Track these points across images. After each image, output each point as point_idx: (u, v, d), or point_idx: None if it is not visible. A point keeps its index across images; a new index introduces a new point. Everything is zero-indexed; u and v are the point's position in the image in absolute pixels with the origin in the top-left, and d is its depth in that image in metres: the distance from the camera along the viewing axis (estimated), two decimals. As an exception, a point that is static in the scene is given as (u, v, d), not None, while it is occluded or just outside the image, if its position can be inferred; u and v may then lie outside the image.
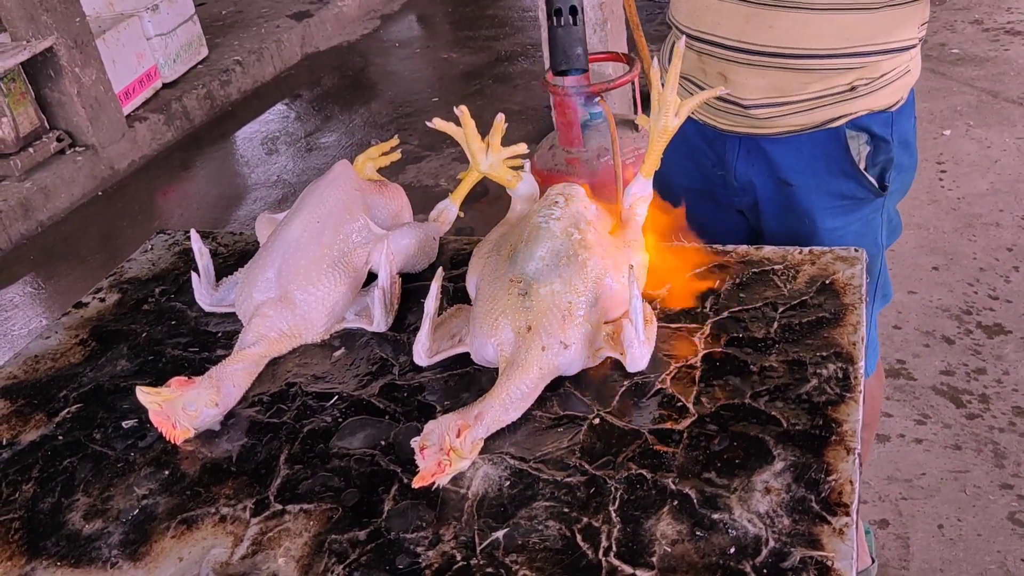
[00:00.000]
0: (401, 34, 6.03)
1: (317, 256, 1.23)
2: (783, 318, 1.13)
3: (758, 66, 1.31)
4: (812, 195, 1.41)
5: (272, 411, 1.13)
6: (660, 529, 0.89)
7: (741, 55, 1.32)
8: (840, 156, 1.38)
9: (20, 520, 1.02)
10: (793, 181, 1.42)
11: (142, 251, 1.52)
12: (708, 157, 1.48)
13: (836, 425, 0.97)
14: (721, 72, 1.36)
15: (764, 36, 1.29)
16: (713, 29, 1.33)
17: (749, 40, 1.30)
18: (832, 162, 1.38)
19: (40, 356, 1.29)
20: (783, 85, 1.33)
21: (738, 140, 1.43)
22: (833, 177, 1.40)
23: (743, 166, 1.44)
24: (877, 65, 1.32)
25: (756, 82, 1.33)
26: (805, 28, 1.27)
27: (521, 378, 1.03)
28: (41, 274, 3.80)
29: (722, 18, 1.32)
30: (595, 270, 1.10)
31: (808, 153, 1.38)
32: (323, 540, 0.94)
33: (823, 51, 1.29)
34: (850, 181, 1.40)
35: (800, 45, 1.28)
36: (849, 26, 1.27)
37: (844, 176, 1.39)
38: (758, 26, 1.29)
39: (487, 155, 1.24)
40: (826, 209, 1.42)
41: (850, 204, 1.42)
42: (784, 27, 1.27)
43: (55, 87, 4.28)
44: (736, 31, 1.31)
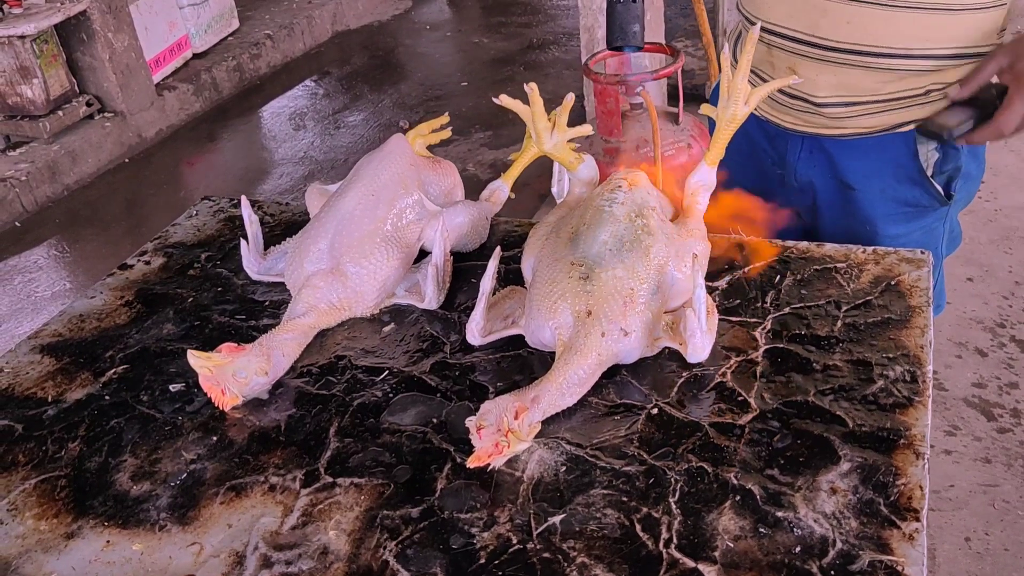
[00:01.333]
0: (432, 16, 6.00)
1: (371, 229, 1.22)
2: (847, 317, 1.10)
3: (831, 62, 1.28)
4: (875, 200, 1.37)
5: (321, 383, 1.12)
6: (722, 524, 0.87)
7: (814, 50, 1.28)
8: (908, 162, 1.34)
9: (67, 478, 1.01)
10: (856, 185, 1.38)
11: (187, 216, 1.51)
12: (768, 155, 1.45)
13: (905, 429, 0.94)
14: (791, 67, 1.32)
15: (840, 32, 1.25)
16: (785, 21, 1.30)
17: (823, 35, 1.26)
18: (899, 168, 1.35)
19: (85, 315, 1.28)
20: (854, 84, 1.29)
21: (801, 139, 1.39)
22: (899, 183, 1.36)
23: (804, 166, 1.41)
24: (953, 70, 1.28)
25: (827, 79, 1.29)
26: (884, 25, 1.23)
27: (579, 363, 1.01)
28: (66, 238, 3.80)
29: (796, 10, 1.28)
30: (657, 257, 1.08)
31: (875, 157, 1.35)
32: (375, 515, 0.93)
33: (900, 51, 1.25)
34: (916, 188, 1.36)
35: (877, 43, 1.25)
36: (929, 26, 1.23)
37: (910, 183, 1.36)
38: (835, 21, 1.25)
39: (552, 134, 1.22)
40: (888, 215, 1.38)
41: (913, 212, 1.38)
42: (862, 23, 1.24)
43: (87, 51, 4.26)
44: (810, 24, 1.27)
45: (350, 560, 0.88)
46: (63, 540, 0.94)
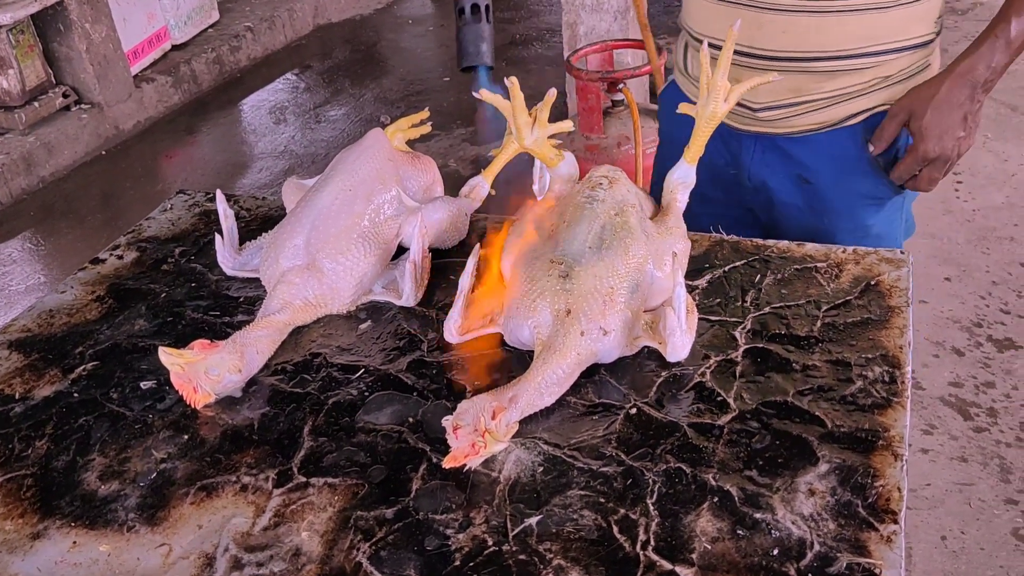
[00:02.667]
0: (415, 11, 5.96)
1: (348, 225, 1.20)
2: (827, 317, 1.10)
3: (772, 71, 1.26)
4: (832, 194, 1.37)
5: (295, 381, 1.10)
6: (700, 525, 0.87)
7: (755, 61, 1.29)
8: (859, 154, 1.34)
9: (33, 477, 0.99)
10: (813, 180, 1.38)
11: (161, 210, 1.48)
12: (721, 156, 1.45)
13: (883, 430, 0.94)
14: (736, 77, 1.30)
15: (778, 41, 1.27)
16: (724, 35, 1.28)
17: (762, 46, 1.28)
18: (851, 160, 1.35)
19: (55, 310, 1.26)
20: (798, 87, 1.30)
21: (754, 139, 1.39)
22: (854, 175, 1.36)
23: (758, 166, 1.41)
24: (894, 63, 1.29)
25: (770, 86, 1.29)
26: (819, 32, 1.24)
27: (558, 362, 1.00)
28: (41, 231, 3.75)
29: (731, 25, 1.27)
30: (637, 256, 1.07)
31: (827, 152, 1.35)
32: (348, 516, 0.91)
33: (838, 53, 1.26)
34: (870, 179, 1.36)
35: (814, 49, 1.26)
36: (863, 27, 1.24)
37: (863, 175, 1.36)
38: (771, 32, 1.27)
39: (533, 130, 1.20)
40: (847, 209, 1.38)
41: (872, 204, 1.38)
42: (797, 32, 1.25)
43: (64, 42, 4.20)
44: (748, 37, 1.28)
45: (323, 562, 0.87)
46: (29, 541, 0.92)
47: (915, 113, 1.25)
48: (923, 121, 1.24)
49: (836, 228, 1.39)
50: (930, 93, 1.24)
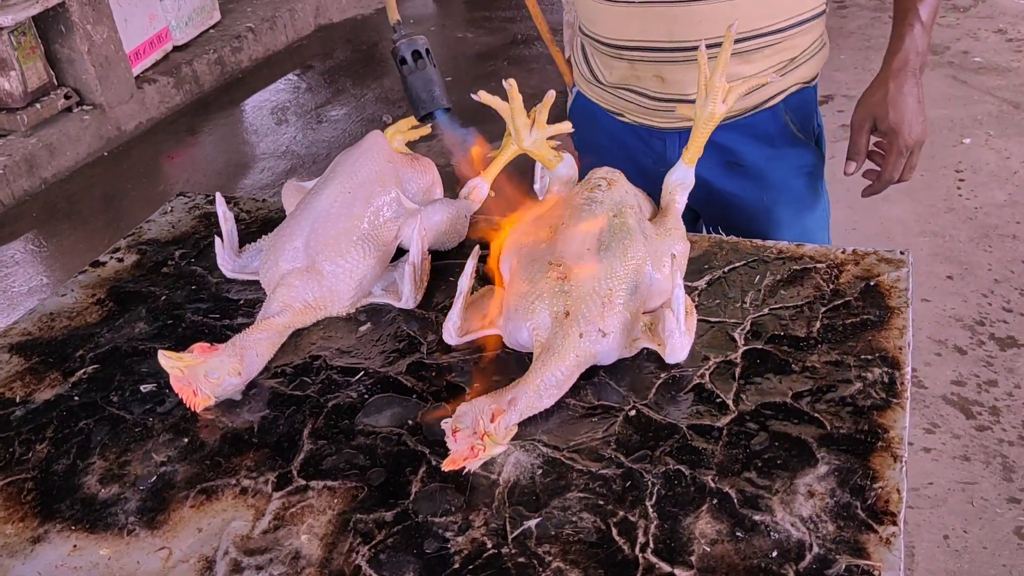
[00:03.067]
0: (416, 11, 5.96)
1: (347, 227, 1.20)
2: (825, 318, 1.10)
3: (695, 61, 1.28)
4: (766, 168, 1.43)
5: (295, 383, 1.10)
6: (699, 528, 0.87)
7: (676, 54, 1.32)
8: (781, 130, 1.41)
9: (33, 481, 0.99)
10: (745, 162, 1.43)
11: (161, 212, 1.49)
12: (647, 155, 1.47)
13: (883, 431, 0.94)
14: (657, 74, 1.36)
15: (695, 32, 1.29)
16: (642, 35, 1.33)
17: (681, 39, 1.31)
18: (775, 137, 1.42)
19: (56, 314, 1.26)
20: None
21: (677, 135, 1.42)
22: (779, 149, 1.42)
23: None
24: (796, 41, 1.36)
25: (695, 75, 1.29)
26: (732, 14, 1.27)
27: (557, 364, 1.00)
28: (43, 232, 3.75)
29: (649, 23, 1.32)
30: (636, 257, 1.07)
31: (751, 133, 1.40)
32: (348, 519, 0.91)
33: (751, 32, 1.31)
34: (797, 149, 1.43)
35: None
36: (768, 4, 1.30)
37: (789, 146, 1.43)
38: (687, 24, 1.30)
39: (531, 131, 1.20)
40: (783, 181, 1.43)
41: (805, 172, 1.45)
42: (713, 19, 1.28)
43: (65, 43, 4.21)
44: (666, 32, 1.31)
45: (322, 565, 0.87)
46: (29, 544, 0.92)
47: (879, 116, 1.33)
48: (890, 119, 1.32)
49: (778, 203, 1.45)
50: (883, 94, 1.32)
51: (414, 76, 1.18)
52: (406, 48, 1.18)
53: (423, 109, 1.18)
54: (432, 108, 1.17)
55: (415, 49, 1.19)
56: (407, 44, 1.18)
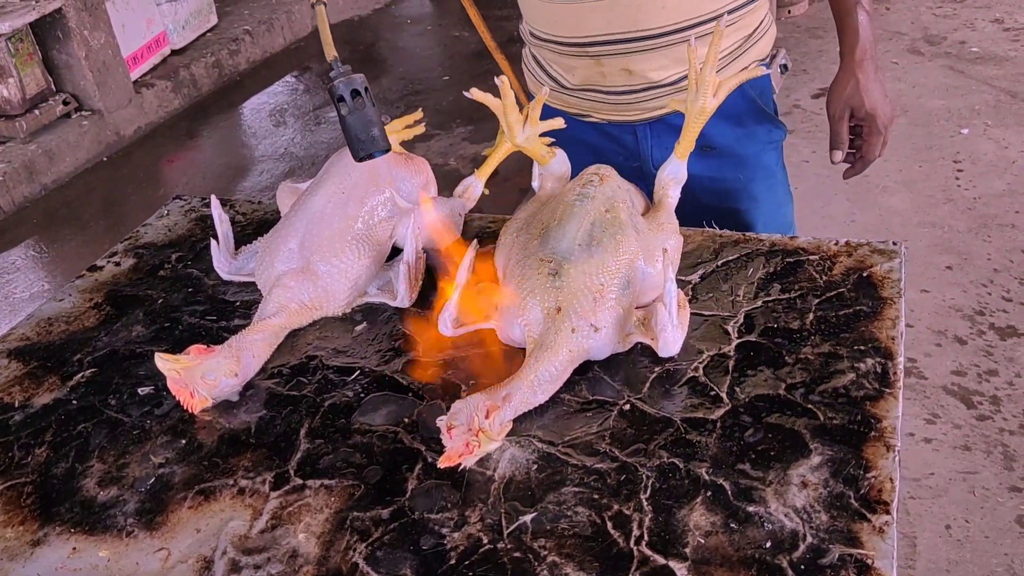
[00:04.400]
0: (412, 10, 5.96)
1: (341, 228, 1.21)
2: (818, 310, 1.10)
3: (660, 48, 1.33)
4: (738, 148, 1.45)
5: (292, 383, 1.11)
6: (693, 520, 0.87)
7: (642, 43, 1.32)
8: (748, 107, 1.45)
9: (33, 484, 1.00)
10: (715, 143, 1.44)
11: (158, 216, 1.49)
12: (618, 153, 1.47)
13: (875, 421, 0.94)
14: (624, 67, 1.36)
15: (659, 17, 1.31)
16: (605, 29, 1.33)
17: (646, 27, 1.31)
18: (743, 115, 1.44)
19: (54, 318, 1.27)
20: (683, 57, 1.33)
21: (647, 127, 1.44)
22: (748, 127, 1.45)
23: (658, 151, 1.44)
24: (748, 17, 1.39)
25: (661, 62, 1.34)
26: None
27: (550, 360, 1.00)
28: (44, 238, 3.76)
29: (613, 16, 1.32)
30: (628, 252, 1.08)
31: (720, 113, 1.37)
32: (345, 517, 0.92)
33: (710, 14, 1.32)
34: (764, 125, 1.47)
35: (692, 15, 1.32)
36: None
37: (756, 122, 1.46)
38: (650, 12, 1.30)
39: (524, 128, 1.21)
40: (755, 157, 1.47)
41: (772, 147, 1.49)
42: (674, 4, 1.30)
43: (63, 49, 4.22)
44: (630, 23, 1.31)
45: (319, 563, 0.88)
46: (29, 547, 0.93)
47: (855, 106, 1.42)
48: (867, 106, 1.41)
49: (753, 180, 1.48)
50: (854, 85, 1.41)
51: (352, 116, 1.12)
52: (344, 87, 1.13)
53: (362, 150, 1.12)
54: (371, 150, 1.11)
55: (354, 88, 1.13)
56: (345, 83, 1.13)
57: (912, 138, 3.53)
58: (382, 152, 1.13)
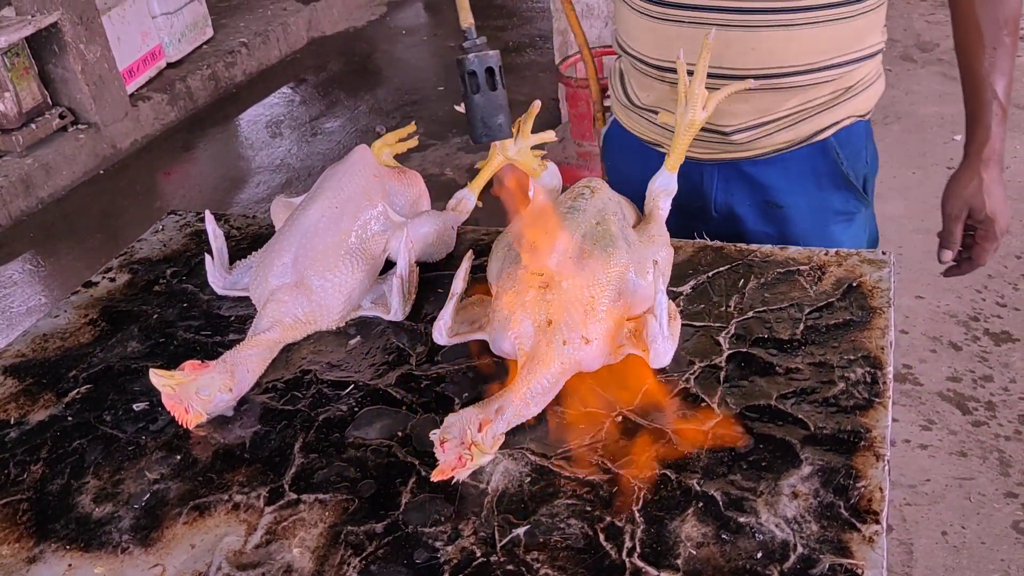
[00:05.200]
0: (408, 21, 5.99)
1: (335, 242, 1.21)
2: (809, 319, 1.11)
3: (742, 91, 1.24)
4: (805, 214, 1.36)
5: (286, 398, 1.11)
6: (685, 531, 0.88)
7: (723, 81, 1.23)
8: (830, 169, 1.34)
9: (28, 502, 1.00)
10: (783, 202, 1.36)
11: (153, 231, 1.50)
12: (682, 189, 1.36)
13: (865, 431, 0.95)
14: None
15: (746, 59, 1.24)
16: (689, 58, 1.23)
17: (730, 65, 1.25)
18: (822, 176, 1.35)
19: (49, 335, 1.27)
20: (767, 106, 1.29)
21: (716, 167, 1.37)
22: (824, 192, 1.36)
23: (722, 194, 1.38)
24: (853, 73, 1.31)
25: (739, 107, 1.27)
26: (787, 46, 1.23)
27: (542, 372, 1.01)
28: (41, 252, 3.77)
29: (698, 45, 1.22)
30: (618, 264, 1.08)
31: (796, 171, 1.34)
32: (339, 531, 0.92)
33: (804, 67, 1.25)
34: (842, 192, 1.36)
35: (783, 64, 1.25)
36: (828, 38, 1.24)
37: (835, 188, 1.36)
38: (739, 50, 1.24)
39: (516, 141, 1.22)
40: (820, 228, 1.37)
41: (843, 220, 1.38)
42: (766, 48, 1.23)
43: (59, 63, 4.23)
44: (716, 56, 1.23)
45: (314, 578, 0.88)
46: (24, 565, 0.93)
47: (975, 207, 1.32)
48: (987, 209, 1.32)
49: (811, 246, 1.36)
50: (976, 184, 1.31)
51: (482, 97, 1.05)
52: (478, 63, 1.05)
53: (485, 136, 1.07)
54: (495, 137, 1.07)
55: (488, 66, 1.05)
56: (479, 59, 1.05)
57: (906, 145, 3.55)
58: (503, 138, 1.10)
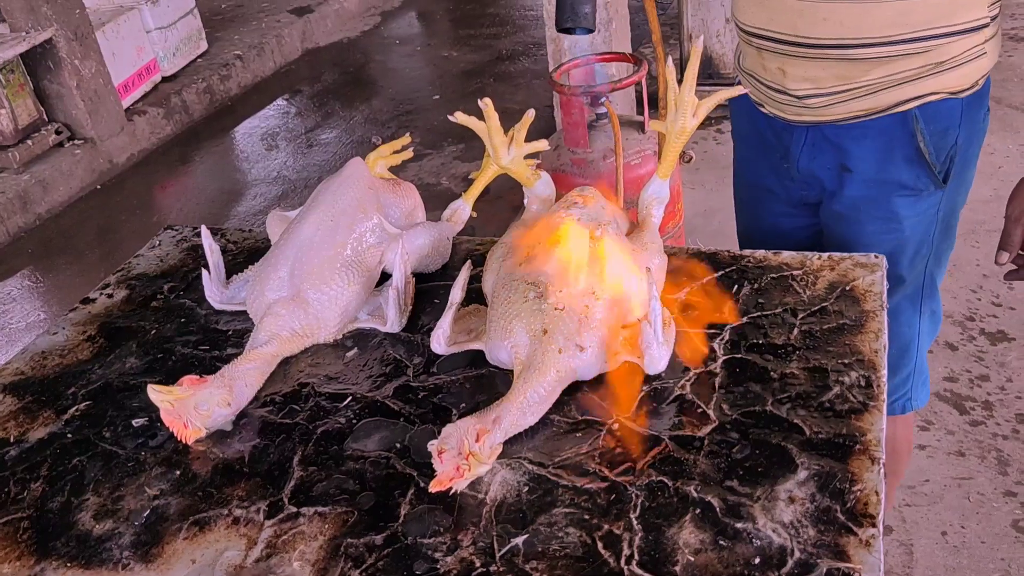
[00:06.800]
0: (402, 31, 6.01)
1: (330, 255, 1.22)
2: (803, 324, 1.12)
3: (816, 59, 1.27)
4: (871, 181, 1.35)
5: (285, 411, 1.12)
6: (683, 538, 0.88)
7: (798, 48, 1.27)
8: (905, 141, 1.31)
9: (29, 519, 1.01)
10: (853, 167, 1.36)
11: (150, 247, 1.51)
12: (776, 150, 1.43)
13: (860, 434, 0.95)
14: (780, 67, 1.31)
15: (819, 29, 1.24)
16: (768, 24, 1.29)
17: (803, 34, 1.26)
18: (896, 147, 1.32)
19: (47, 352, 1.28)
20: (843, 74, 1.28)
21: (805, 130, 1.37)
22: (894, 163, 1.33)
23: (806, 158, 1.39)
24: (944, 48, 1.25)
25: (816, 73, 1.28)
26: (862, 17, 1.22)
27: (538, 381, 1.02)
28: (39, 268, 3.77)
29: (775, 13, 1.28)
30: (613, 273, 1.09)
31: (872, 139, 1.33)
32: (339, 544, 0.93)
33: (882, 39, 1.23)
34: (913, 168, 1.33)
35: (858, 35, 1.23)
36: (907, 11, 1.21)
37: (906, 163, 1.33)
38: (811, 19, 1.24)
39: (509, 149, 1.22)
40: (883, 197, 1.35)
41: (909, 195, 1.35)
42: (838, 18, 1.23)
43: (54, 79, 4.24)
44: (790, 25, 1.26)
45: (314, 591, 0.88)
46: (26, 583, 0.94)
47: None
48: None
49: (870, 218, 1.37)
50: None
51: None
52: None
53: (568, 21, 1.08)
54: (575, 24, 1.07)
55: None
56: None
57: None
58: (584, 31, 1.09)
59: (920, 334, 1.50)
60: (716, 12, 3.80)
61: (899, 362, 1.49)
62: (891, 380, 1.44)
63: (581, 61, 2.83)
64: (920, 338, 1.50)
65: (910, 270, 1.43)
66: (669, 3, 4.95)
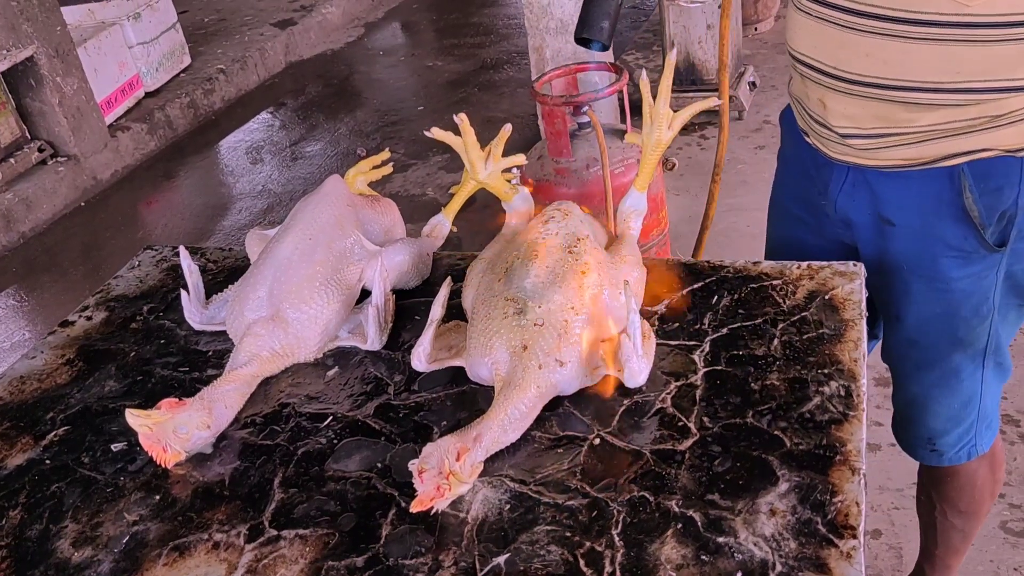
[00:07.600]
0: (385, 42, 6.01)
1: (309, 274, 1.21)
2: (783, 334, 1.12)
3: (855, 96, 1.18)
4: (915, 238, 1.26)
5: (265, 433, 1.11)
6: (664, 553, 0.88)
7: (838, 82, 1.19)
8: (951, 199, 1.21)
9: (7, 548, 1.00)
10: (896, 220, 1.26)
11: (129, 268, 1.50)
12: (815, 184, 1.36)
13: (840, 445, 0.95)
14: (820, 99, 1.24)
15: (860, 64, 1.16)
16: (811, 52, 1.22)
17: (844, 68, 1.18)
18: (942, 204, 1.22)
19: (26, 377, 1.27)
20: (887, 116, 1.18)
21: (846, 171, 1.29)
22: (941, 220, 1.23)
23: (844, 199, 1.31)
24: (1004, 102, 1.13)
25: (856, 111, 1.20)
26: (906, 58, 1.12)
27: (519, 397, 1.01)
28: (24, 286, 3.75)
29: (819, 41, 1.20)
30: (591, 287, 1.09)
31: (917, 191, 1.23)
32: (320, 567, 0.92)
33: (930, 84, 1.13)
34: (959, 227, 1.22)
35: (901, 76, 1.14)
36: (959, 59, 1.10)
37: (953, 221, 1.22)
38: (854, 53, 1.16)
39: (487, 164, 1.22)
40: (929, 257, 1.26)
41: (957, 257, 1.25)
42: (882, 57, 1.14)
43: (36, 97, 4.23)
44: (831, 56, 1.18)
45: (295, 615, 0.88)
46: (4, 614, 0.93)
47: None
48: None
49: (913, 277, 1.30)
50: None
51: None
52: None
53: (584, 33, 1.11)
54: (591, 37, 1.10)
55: None
56: None
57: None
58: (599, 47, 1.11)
59: (983, 384, 1.39)
60: (697, 19, 3.81)
61: (961, 414, 1.41)
62: (953, 431, 1.41)
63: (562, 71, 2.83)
64: (983, 387, 1.39)
65: (968, 331, 1.32)
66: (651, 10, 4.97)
